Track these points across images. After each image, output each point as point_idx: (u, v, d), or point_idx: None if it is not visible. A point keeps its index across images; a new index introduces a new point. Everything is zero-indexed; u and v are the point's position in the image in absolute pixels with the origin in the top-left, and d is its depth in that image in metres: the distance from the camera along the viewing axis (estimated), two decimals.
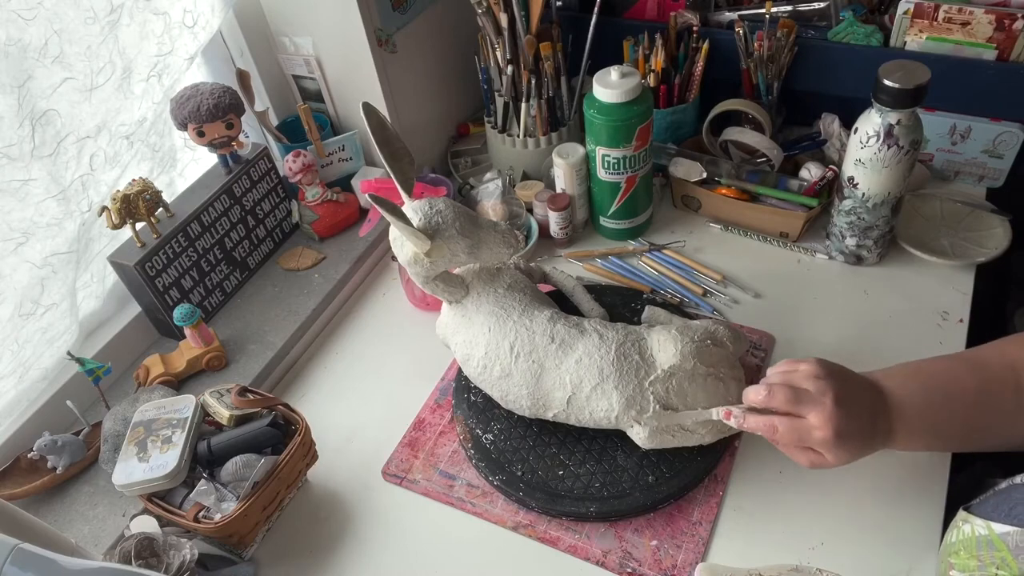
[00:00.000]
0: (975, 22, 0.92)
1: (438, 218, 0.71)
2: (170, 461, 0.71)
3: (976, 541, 0.54)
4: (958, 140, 0.99)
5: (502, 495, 0.76)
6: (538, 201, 1.03)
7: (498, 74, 1.04)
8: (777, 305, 0.92)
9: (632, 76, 0.88)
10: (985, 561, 0.53)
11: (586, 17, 1.03)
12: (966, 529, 0.56)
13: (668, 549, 0.71)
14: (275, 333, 0.95)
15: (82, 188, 0.82)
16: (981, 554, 0.53)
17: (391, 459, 0.82)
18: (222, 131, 0.93)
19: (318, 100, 1.09)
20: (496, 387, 0.76)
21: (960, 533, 0.56)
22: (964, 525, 0.56)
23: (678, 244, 1.01)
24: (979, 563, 0.53)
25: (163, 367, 0.88)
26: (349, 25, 0.97)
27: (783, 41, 1.01)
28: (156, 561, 0.67)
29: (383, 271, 1.08)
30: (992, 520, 0.54)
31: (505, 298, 0.77)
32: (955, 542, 0.57)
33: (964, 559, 0.55)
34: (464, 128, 1.23)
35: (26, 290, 0.79)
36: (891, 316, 0.88)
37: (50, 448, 0.79)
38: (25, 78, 0.72)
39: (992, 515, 0.54)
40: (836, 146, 1.02)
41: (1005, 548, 0.52)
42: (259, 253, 1.04)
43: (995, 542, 0.53)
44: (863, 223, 0.89)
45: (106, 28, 0.79)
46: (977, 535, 0.54)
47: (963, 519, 0.57)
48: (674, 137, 1.09)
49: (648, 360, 0.71)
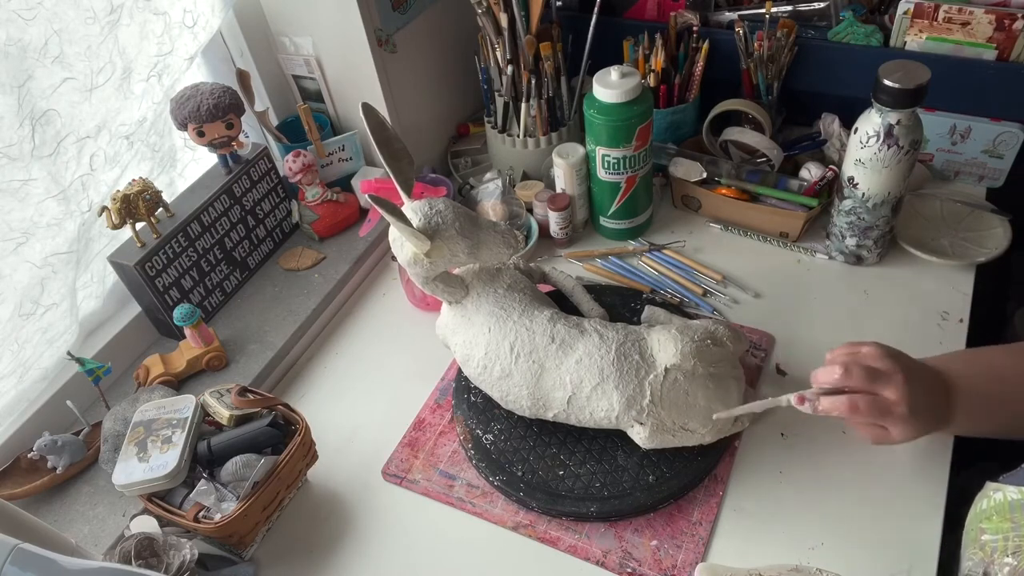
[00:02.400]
0: (975, 22, 0.92)
1: (438, 218, 0.71)
2: (170, 461, 0.71)
3: (1009, 505, 0.55)
4: (958, 140, 0.99)
5: (502, 495, 0.76)
6: (538, 201, 1.03)
7: (498, 74, 1.04)
8: (777, 305, 0.92)
9: (632, 76, 0.88)
10: (1019, 522, 0.54)
11: (586, 17, 1.03)
12: (997, 497, 0.57)
13: (668, 549, 0.71)
14: (275, 333, 0.95)
15: (82, 188, 0.82)
16: (1015, 515, 0.54)
17: (391, 459, 0.82)
18: (222, 131, 0.93)
19: (318, 100, 1.09)
20: (496, 387, 0.76)
21: (991, 501, 0.57)
22: (995, 494, 0.57)
23: (678, 244, 1.01)
24: (1012, 524, 0.54)
25: (163, 367, 0.88)
26: (349, 25, 0.97)
27: (783, 41, 1.01)
28: (156, 561, 0.67)
29: (383, 271, 1.08)
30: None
31: (505, 298, 0.77)
32: (986, 508, 0.57)
33: (996, 523, 0.55)
34: (464, 128, 1.23)
35: (26, 290, 0.79)
36: (891, 316, 0.88)
37: (50, 448, 0.79)
38: (25, 78, 0.72)
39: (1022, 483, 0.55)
40: (836, 146, 1.02)
41: None
42: (259, 253, 1.04)
43: None
44: (863, 223, 0.89)
45: (106, 28, 0.79)
46: (1010, 500, 0.55)
47: (994, 488, 0.58)
48: (674, 137, 1.09)
49: (648, 360, 0.71)
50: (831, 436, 0.78)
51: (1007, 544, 0.54)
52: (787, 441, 0.78)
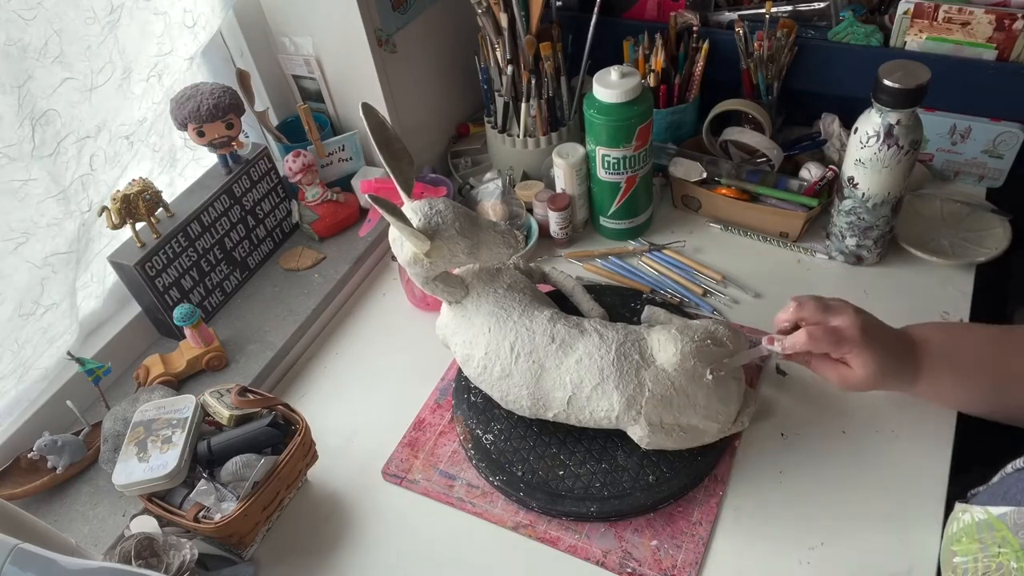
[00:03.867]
0: (975, 22, 0.92)
1: (438, 218, 0.71)
2: (170, 461, 0.71)
3: (976, 526, 0.55)
4: (958, 140, 0.99)
5: (502, 495, 0.76)
6: (538, 201, 1.03)
7: (498, 74, 1.04)
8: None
9: (632, 76, 0.88)
10: (987, 542, 0.54)
11: (586, 17, 1.03)
12: (965, 518, 0.57)
13: (668, 549, 0.71)
14: (275, 333, 0.95)
15: (82, 188, 0.82)
16: (982, 536, 0.55)
17: (391, 459, 0.82)
18: (222, 131, 0.93)
19: (318, 100, 1.09)
20: (496, 387, 0.76)
21: (960, 523, 0.58)
22: (963, 515, 0.58)
23: (678, 244, 1.01)
24: (980, 545, 0.54)
25: (163, 367, 0.88)
26: (349, 25, 0.97)
27: (783, 41, 1.01)
28: (156, 561, 0.67)
29: (383, 271, 1.08)
30: (989, 506, 0.55)
31: (505, 298, 0.77)
32: (956, 532, 0.58)
33: (966, 544, 0.56)
34: (464, 128, 1.23)
35: (26, 290, 0.79)
36: (891, 316, 0.87)
37: (50, 448, 0.79)
38: (25, 78, 0.72)
39: (989, 502, 0.56)
40: (836, 146, 1.02)
41: (1004, 527, 0.53)
42: (259, 253, 1.04)
43: (994, 523, 0.54)
44: (863, 223, 0.89)
45: (106, 28, 0.79)
46: (976, 520, 0.56)
47: (962, 510, 0.58)
48: (674, 137, 1.09)
49: (648, 360, 0.71)
50: (831, 436, 0.78)
51: (977, 566, 0.54)
52: (787, 441, 0.78)
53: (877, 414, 0.78)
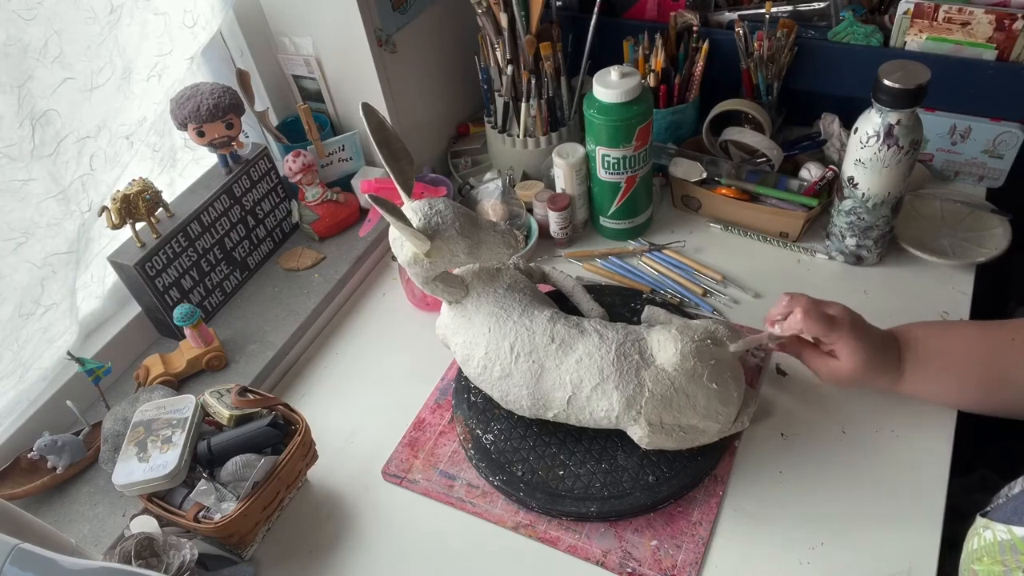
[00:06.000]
0: (975, 22, 0.92)
1: (438, 218, 0.71)
2: (170, 461, 0.71)
3: (999, 546, 0.54)
4: (958, 140, 0.99)
5: (502, 495, 0.76)
6: (538, 201, 1.03)
7: (498, 74, 1.04)
8: None
9: (632, 76, 0.88)
10: (1010, 565, 0.52)
11: (586, 17, 1.03)
12: (987, 535, 0.56)
13: (668, 549, 0.71)
14: (275, 333, 0.95)
15: (82, 188, 0.82)
16: (1005, 558, 0.53)
17: (391, 459, 0.82)
18: (222, 131, 0.93)
19: (318, 100, 1.09)
20: (496, 387, 0.76)
21: (981, 540, 0.56)
22: (985, 531, 0.56)
23: (678, 244, 1.01)
24: (1004, 568, 0.53)
25: (163, 367, 0.88)
26: (349, 25, 0.97)
27: (783, 41, 1.01)
28: (156, 561, 0.67)
29: (383, 271, 1.08)
30: (1013, 524, 0.54)
31: (505, 298, 0.77)
32: (977, 548, 0.56)
33: (988, 565, 0.54)
34: (464, 128, 1.23)
35: (26, 290, 0.79)
36: (891, 316, 0.88)
37: (50, 448, 0.79)
38: (25, 78, 0.72)
39: (1012, 519, 0.54)
40: (836, 146, 1.02)
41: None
42: (259, 253, 1.04)
43: (1018, 545, 0.53)
44: (863, 223, 0.89)
45: (106, 28, 0.79)
46: (999, 540, 0.54)
47: (983, 526, 0.57)
48: (674, 137, 1.09)
49: (648, 360, 0.71)
50: (831, 436, 0.78)
51: None
52: (787, 441, 0.78)
53: (877, 414, 0.78)
